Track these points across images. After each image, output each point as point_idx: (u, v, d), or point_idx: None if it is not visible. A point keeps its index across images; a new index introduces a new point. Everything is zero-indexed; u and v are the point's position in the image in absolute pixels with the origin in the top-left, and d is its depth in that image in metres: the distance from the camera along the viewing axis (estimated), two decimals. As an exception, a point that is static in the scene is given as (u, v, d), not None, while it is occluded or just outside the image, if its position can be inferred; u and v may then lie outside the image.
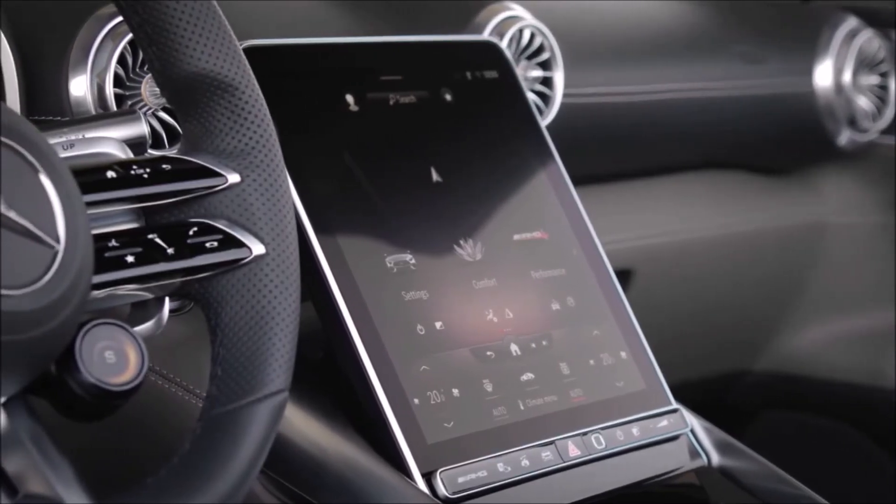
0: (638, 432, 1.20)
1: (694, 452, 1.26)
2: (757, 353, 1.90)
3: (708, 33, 1.69)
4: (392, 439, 1.07)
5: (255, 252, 0.89)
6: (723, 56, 1.69)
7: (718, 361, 1.86)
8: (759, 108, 1.75)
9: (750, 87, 1.73)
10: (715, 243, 1.75)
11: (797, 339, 1.91)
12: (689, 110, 1.64)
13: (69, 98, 1.08)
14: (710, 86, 1.67)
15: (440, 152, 1.23)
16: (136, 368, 0.82)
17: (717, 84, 1.68)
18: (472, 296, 1.18)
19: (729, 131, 1.73)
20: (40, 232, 0.74)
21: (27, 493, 0.75)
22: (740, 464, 1.27)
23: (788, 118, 1.80)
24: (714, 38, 1.70)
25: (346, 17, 1.33)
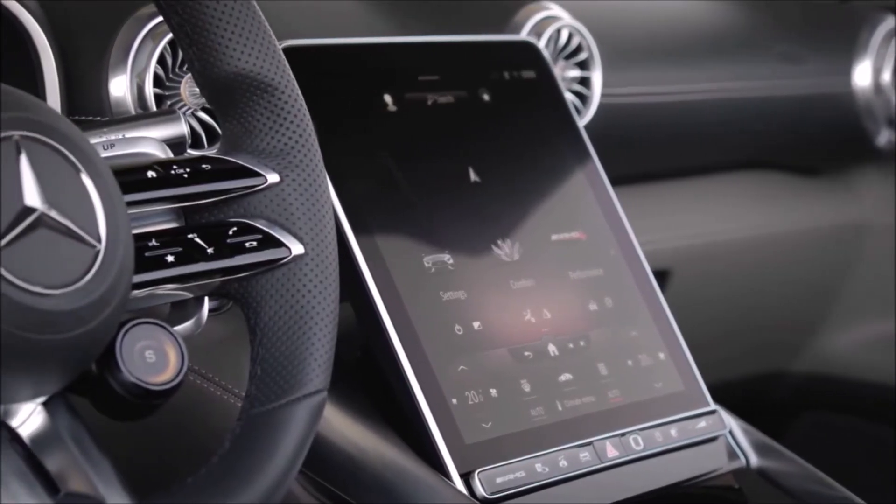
0: (676, 433, 1.20)
1: (732, 454, 1.26)
2: (795, 354, 1.89)
3: (746, 33, 1.68)
4: (430, 439, 1.07)
5: (294, 252, 0.89)
6: (761, 56, 1.69)
7: (756, 362, 1.85)
8: (797, 108, 1.74)
9: (788, 87, 1.72)
10: (753, 244, 1.74)
11: (835, 340, 1.90)
12: (727, 110, 1.64)
13: (109, 98, 1.08)
14: (749, 86, 1.66)
15: (478, 152, 1.23)
16: (176, 368, 0.82)
17: (756, 84, 1.67)
18: (510, 296, 1.18)
19: (767, 131, 1.72)
20: (82, 231, 0.74)
21: (68, 491, 0.75)
22: (779, 465, 1.27)
23: (827, 118, 1.79)
24: (752, 38, 1.69)
25: (384, 17, 1.33)
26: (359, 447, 1.09)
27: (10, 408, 0.76)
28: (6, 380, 0.73)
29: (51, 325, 0.72)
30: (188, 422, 1.10)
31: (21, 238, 0.72)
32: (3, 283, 0.70)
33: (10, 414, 0.76)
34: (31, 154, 0.73)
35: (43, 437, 0.77)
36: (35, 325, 0.71)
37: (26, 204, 0.72)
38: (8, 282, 0.70)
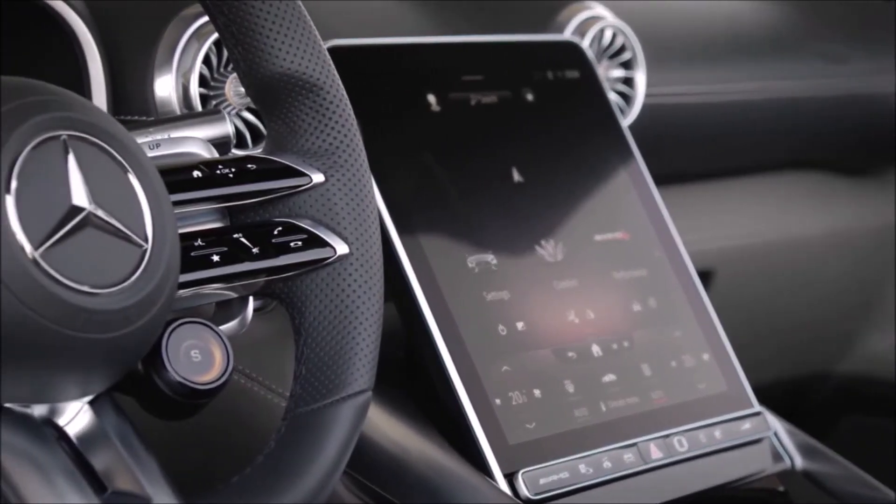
0: (720, 435, 1.20)
1: (777, 455, 1.25)
2: (840, 356, 1.88)
3: (790, 33, 1.67)
4: (473, 440, 1.07)
5: (339, 252, 0.89)
6: (805, 56, 1.68)
7: (801, 363, 1.84)
8: (840, 108, 1.73)
9: (832, 86, 1.71)
10: (796, 244, 1.73)
11: (878, 341, 1.89)
12: (770, 110, 1.63)
13: (154, 98, 1.09)
14: (792, 85, 1.65)
15: (521, 152, 1.23)
16: (222, 367, 0.82)
17: (800, 84, 1.66)
18: (554, 296, 1.18)
19: (810, 131, 1.71)
20: (129, 231, 0.75)
21: (115, 490, 0.75)
22: (824, 467, 1.26)
23: (870, 118, 1.78)
24: (796, 38, 1.68)
25: (428, 17, 1.33)
26: (402, 447, 1.09)
27: (57, 406, 0.77)
28: (54, 379, 0.73)
29: (98, 325, 0.72)
30: (232, 421, 1.10)
31: (68, 237, 0.72)
32: (51, 282, 0.70)
33: (57, 413, 0.77)
34: (78, 154, 0.73)
35: (90, 436, 0.77)
36: (82, 324, 0.72)
37: (74, 203, 0.72)
38: (56, 281, 0.71)
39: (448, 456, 1.08)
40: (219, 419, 1.06)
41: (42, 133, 0.72)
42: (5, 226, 0.69)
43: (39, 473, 0.73)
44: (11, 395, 0.74)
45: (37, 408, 0.76)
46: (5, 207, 0.69)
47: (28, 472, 0.73)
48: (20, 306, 0.69)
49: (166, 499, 0.77)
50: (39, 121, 0.72)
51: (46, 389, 0.74)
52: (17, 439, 0.73)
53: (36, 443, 0.74)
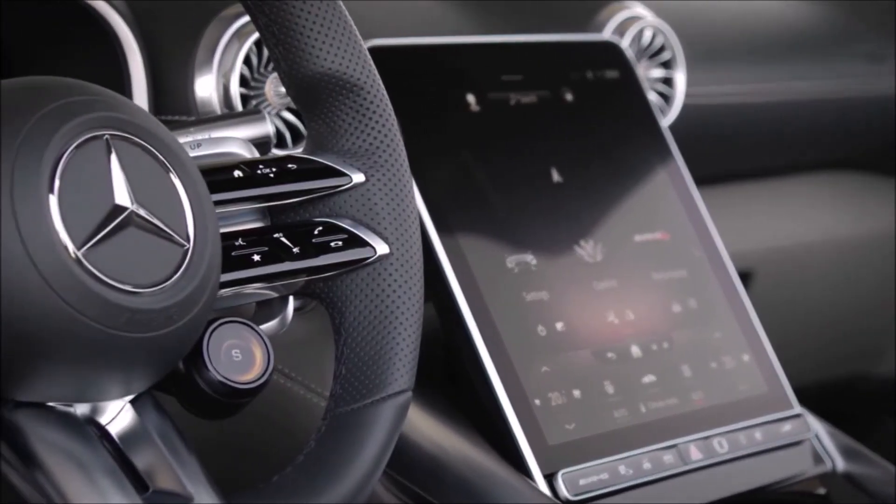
0: (761, 436, 1.19)
1: (818, 457, 1.25)
2: (882, 356, 1.87)
3: (830, 33, 1.66)
4: (513, 440, 1.07)
5: (380, 252, 0.89)
6: (846, 56, 1.67)
7: (842, 365, 1.83)
8: (882, 108, 1.72)
9: (872, 86, 1.70)
10: (837, 244, 1.72)
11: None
12: (812, 110, 1.62)
13: (195, 98, 1.09)
14: (834, 85, 1.64)
15: (561, 152, 1.23)
16: (262, 367, 0.82)
17: (841, 84, 1.65)
18: (593, 297, 1.17)
19: (850, 132, 1.70)
20: (170, 230, 0.75)
21: (157, 489, 0.76)
22: (866, 469, 1.25)
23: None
24: (836, 38, 1.67)
25: (467, 17, 1.32)
26: (441, 447, 1.09)
27: (99, 405, 0.77)
28: (96, 378, 0.74)
29: (140, 324, 0.72)
30: (272, 420, 1.11)
31: (111, 237, 0.72)
32: (94, 282, 0.70)
33: (99, 412, 0.77)
34: (121, 153, 0.74)
35: (132, 435, 0.77)
36: (125, 323, 0.72)
37: (116, 203, 0.73)
38: (98, 280, 0.71)
39: (487, 456, 1.08)
40: (258, 419, 1.06)
41: (85, 133, 0.72)
42: (49, 225, 0.69)
43: (82, 472, 0.73)
44: (54, 394, 0.74)
45: (79, 407, 0.76)
46: (49, 207, 0.70)
47: (71, 470, 0.73)
48: (63, 305, 0.70)
49: (207, 498, 0.77)
50: (82, 120, 0.73)
51: (89, 388, 0.74)
52: (60, 438, 0.74)
53: (78, 441, 0.74)
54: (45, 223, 0.69)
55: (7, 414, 0.73)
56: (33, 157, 0.70)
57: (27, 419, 0.74)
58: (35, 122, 0.71)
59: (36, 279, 0.69)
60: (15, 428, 0.73)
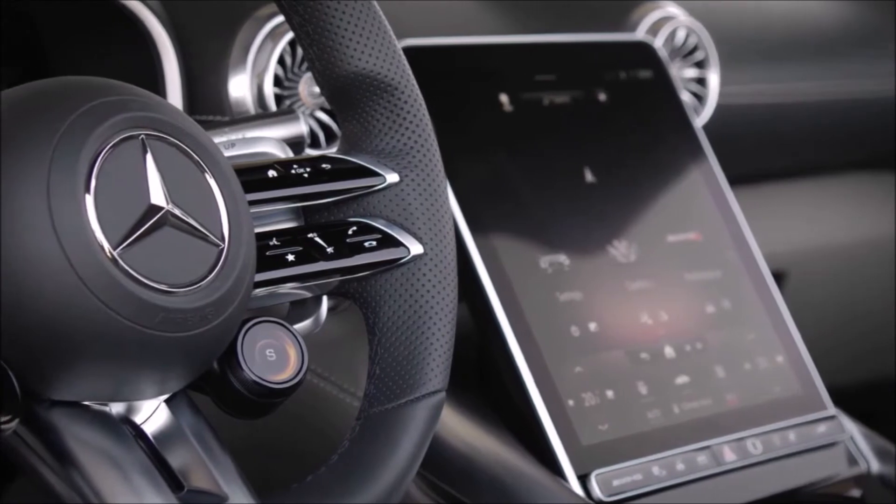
0: (795, 438, 1.19)
1: (852, 459, 1.24)
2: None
3: (865, 32, 1.66)
4: (546, 440, 1.07)
5: (414, 252, 0.89)
6: (880, 55, 1.66)
7: (877, 365, 1.82)
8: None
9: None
10: (872, 245, 1.72)
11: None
12: (847, 110, 1.61)
13: (229, 98, 1.09)
14: (869, 84, 1.64)
15: (594, 152, 1.23)
16: (296, 367, 0.82)
17: (876, 83, 1.64)
18: (627, 297, 1.17)
19: (885, 131, 1.69)
20: (206, 230, 0.75)
21: (192, 488, 0.76)
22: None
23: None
24: (871, 37, 1.66)
25: (500, 16, 1.32)
26: (474, 448, 1.09)
27: (134, 405, 0.77)
28: (131, 377, 0.74)
29: (175, 323, 0.72)
30: (305, 420, 1.11)
31: (147, 236, 0.72)
32: (129, 281, 0.71)
33: (134, 411, 0.77)
34: (156, 153, 0.74)
35: (167, 434, 0.77)
36: (160, 322, 0.72)
37: (152, 202, 0.73)
38: (134, 279, 0.71)
39: (520, 457, 1.07)
40: (291, 419, 1.07)
41: (121, 132, 0.73)
42: (85, 225, 0.70)
43: (117, 471, 0.73)
44: (90, 393, 0.74)
45: (114, 406, 0.76)
46: (85, 207, 0.70)
47: (106, 469, 0.73)
48: (99, 304, 0.70)
49: (242, 497, 0.77)
50: (118, 120, 0.73)
51: (124, 387, 0.75)
52: (96, 437, 0.74)
53: (114, 440, 0.74)
54: (82, 223, 0.70)
55: (43, 413, 0.74)
56: (70, 157, 0.70)
57: (63, 418, 0.74)
58: (71, 122, 0.71)
59: (72, 279, 0.69)
60: (50, 427, 0.74)
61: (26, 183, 0.69)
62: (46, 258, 0.69)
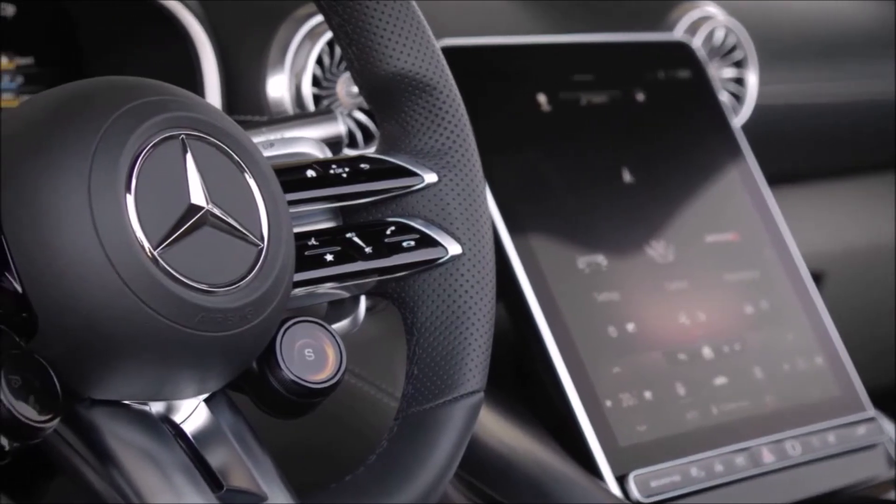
0: (834, 440, 1.18)
1: (892, 461, 1.23)
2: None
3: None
4: (584, 441, 1.07)
5: (452, 252, 0.89)
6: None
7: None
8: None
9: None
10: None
11: None
12: (886, 109, 1.60)
13: (267, 98, 1.09)
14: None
15: (632, 153, 1.22)
16: (335, 366, 0.82)
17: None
18: (664, 298, 1.17)
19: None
20: (245, 230, 0.75)
21: (231, 487, 0.76)
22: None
23: None
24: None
25: (537, 16, 1.32)
26: (511, 448, 1.08)
27: (174, 404, 0.77)
28: (171, 376, 0.74)
29: (215, 323, 0.72)
30: (342, 420, 1.11)
31: (186, 236, 0.72)
32: (170, 280, 0.71)
33: (173, 410, 0.77)
34: (196, 153, 0.74)
35: (206, 434, 0.77)
36: (199, 322, 0.72)
37: (192, 202, 0.73)
38: (174, 279, 0.71)
39: (558, 457, 1.07)
40: (329, 418, 1.07)
41: (161, 132, 0.73)
42: (126, 225, 0.70)
43: (157, 470, 0.73)
44: (130, 392, 0.74)
45: (154, 405, 0.76)
46: (126, 206, 0.70)
47: (146, 468, 0.73)
48: (139, 304, 0.70)
49: (281, 497, 0.77)
50: (158, 120, 0.73)
51: (164, 387, 0.75)
52: (136, 436, 0.74)
53: (154, 439, 0.74)
54: (123, 222, 0.70)
55: (83, 412, 0.74)
56: (110, 157, 0.70)
57: (103, 417, 0.74)
58: (112, 121, 0.71)
59: (113, 278, 0.69)
60: (91, 426, 0.74)
61: (68, 183, 0.69)
62: (87, 258, 0.69)
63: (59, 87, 0.75)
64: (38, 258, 0.69)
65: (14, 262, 0.70)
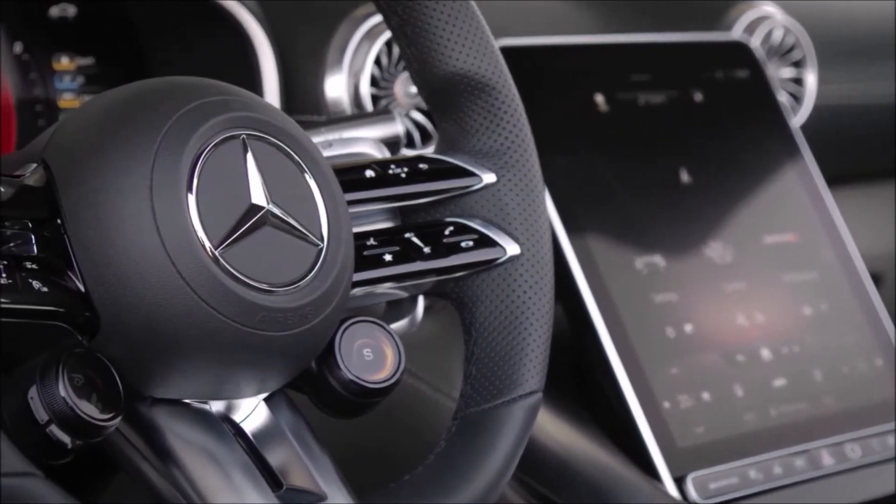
0: (893, 442, 1.17)
1: (953, 465, 1.22)
2: None
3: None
4: (642, 442, 1.06)
5: (510, 252, 0.89)
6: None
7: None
8: None
9: None
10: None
11: None
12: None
13: (325, 98, 1.10)
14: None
15: (690, 153, 1.22)
16: (393, 366, 0.82)
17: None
18: (723, 299, 1.16)
19: None
20: (305, 230, 0.75)
21: (291, 486, 0.76)
22: None
23: None
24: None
25: (594, 16, 1.32)
26: (568, 449, 1.08)
27: (234, 403, 0.77)
28: (232, 375, 0.74)
29: (275, 322, 0.73)
30: (399, 420, 1.11)
31: (247, 235, 0.72)
32: (230, 280, 0.71)
33: (233, 409, 0.77)
34: (257, 153, 0.74)
35: (265, 433, 0.78)
36: (260, 321, 0.72)
37: (252, 202, 0.73)
38: (235, 278, 0.71)
39: (615, 458, 1.07)
40: (386, 418, 1.07)
41: (222, 132, 0.73)
42: (188, 224, 0.70)
43: (218, 469, 0.74)
44: (191, 391, 0.75)
45: (214, 404, 0.76)
46: (188, 206, 0.70)
47: (207, 467, 0.74)
48: (200, 303, 0.70)
49: (340, 497, 0.77)
50: (220, 120, 0.73)
51: (224, 386, 0.75)
52: (197, 435, 0.74)
53: (214, 438, 0.75)
54: (184, 222, 0.70)
55: (144, 410, 0.74)
56: (172, 157, 0.71)
57: (164, 416, 0.74)
58: (174, 121, 0.72)
59: (174, 277, 0.70)
60: (152, 425, 0.74)
61: (130, 182, 0.70)
62: (149, 257, 0.69)
63: (121, 87, 0.76)
64: (100, 257, 0.70)
65: (77, 262, 0.70)
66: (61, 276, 0.70)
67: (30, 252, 0.70)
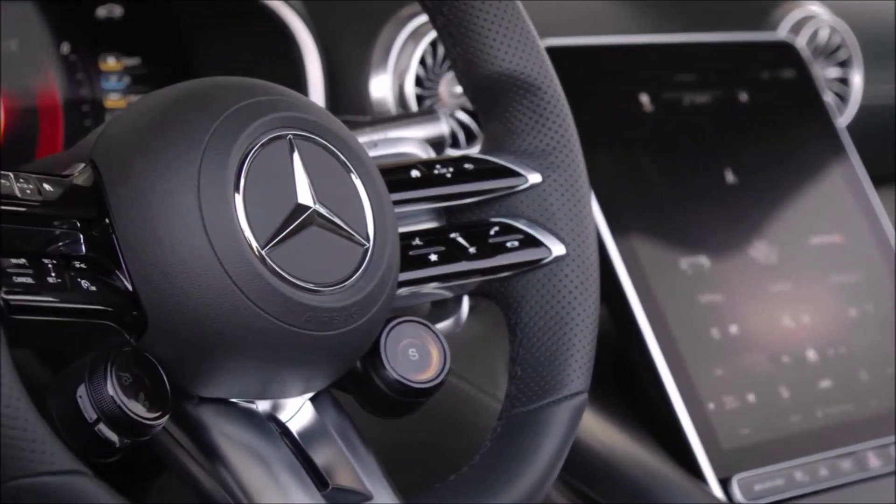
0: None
1: None
2: None
3: None
4: (687, 443, 1.06)
5: (556, 252, 0.89)
6: None
7: None
8: None
9: None
10: None
11: None
12: None
13: (370, 98, 1.10)
14: None
15: (735, 153, 1.22)
16: (439, 367, 0.82)
17: None
18: (768, 299, 1.16)
19: None
20: (351, 230, 0.75)
21: (336, 486, 0.76)
22: None
23: None
24: None
25: (638, 16, 1.31)
26: (613, 449, 1.08)
27: (280, 403, 0.78)
28: (278, 375, 0.74)
29: (321, 322, 0.73)
30: (444, 420, 1.11)
31: (294, 235, 0.73)
32: (277, 280, 0.71)
33: (279, 409, 0.78)
34: (303, 153, 0.74)
35: (311, 432, 0.78)
36: (306, 321, 0.72)
37: (299, 202, 0.73)
38: (281, 278, 0.71)
39: (660, 459, 1.07)
40: (431, 418, 1.07)
41: (269, 132, 0.73)
42: (235, 223, 0.70)
43: (265, 468, 0.74)
44: (237, 391, 0.75)
45: (261, 403, 0.77)
46: (235, 205, 0.71)
47: (254, 466, 0.74)
48: (247, 302, 0.70)
49: (386, 497, 0.77)
50: (267, 120, 0.73)
51: (271, 385, 0.75)
52: (243, 434, 0.75)
53: (261, 438, 0.75)
54: (231, 221, 0.70)
55: (191, 409, 0.75)
56: (220, 157, 0.71)
57: (211, 415, 0.75)
58: (221, 121, 0.72)
59: (221, 276, 0.70)
60: (199, 424, 0.74)
61: (178, 182, 0.70)
62: (197, 256, 0.70)
63: (168, 87, 0.76)
64: (147, 257, 0.70)
65: (125, 261, 0.71)
66: (109, 275, 0.71)
67: (78, 251, 0.70)
